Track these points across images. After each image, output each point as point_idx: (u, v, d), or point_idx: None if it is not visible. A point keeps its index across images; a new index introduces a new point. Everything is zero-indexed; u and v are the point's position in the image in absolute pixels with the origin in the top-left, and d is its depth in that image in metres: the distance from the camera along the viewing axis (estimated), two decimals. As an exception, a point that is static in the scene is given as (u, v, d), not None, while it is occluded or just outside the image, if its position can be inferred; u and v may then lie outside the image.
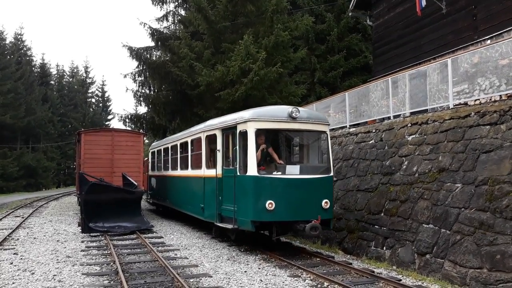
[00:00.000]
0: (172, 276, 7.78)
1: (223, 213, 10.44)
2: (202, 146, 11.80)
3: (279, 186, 9.26)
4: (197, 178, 12.30)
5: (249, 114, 9.67)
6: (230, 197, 9.97)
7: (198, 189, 12.16)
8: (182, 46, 19.46)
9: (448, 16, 13.40)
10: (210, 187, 11.12)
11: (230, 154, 10.23)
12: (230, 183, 9.99)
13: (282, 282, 7.46)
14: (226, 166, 10.44)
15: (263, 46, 17.56)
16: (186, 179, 13.85)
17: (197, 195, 12.28)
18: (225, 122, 10.59)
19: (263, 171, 9.56)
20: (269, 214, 9.05)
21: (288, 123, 9.79)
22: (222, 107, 17.93)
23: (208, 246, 11.04)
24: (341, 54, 22.46)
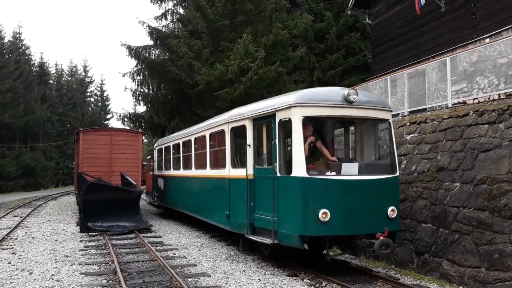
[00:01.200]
0: (170, 276, 7.77)
1: (257, 224, 8.61)
2: (226, 140, 9.90)
3: (335, 190, 7.41)
4: (219, 180, 10.45)
5: (295, 98, 7.71)
6: (267, 204, 8.13)
7: (220, 193, 10.28)
8: (181, 45, 19.40)
9: (447, 14, 13.38)
10: (238, 191, 9.27)
11: (264, 149, 8.56)
12: (266, 186, 8.20)
13: (281, 281, 7.45)
14: (259, 165, 8.68)
15: (262, 45, 17.51)
16: (204, 181, 11.94)
17: (219, 200, 10.36)
18: (258, 110, 8.69)
19: (313, 171, 7.75)
20: (323, 227, 7.17)
21: (344, 109, 7.81)
22: (221, 106, 17.87)
23: (206, 246, 11.03)
24: (340, 52, 22.40)
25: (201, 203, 12.25)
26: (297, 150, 7.50)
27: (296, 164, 7.47)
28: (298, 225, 7.37)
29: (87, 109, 66.60)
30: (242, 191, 9.00)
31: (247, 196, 8.76)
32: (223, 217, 9.95)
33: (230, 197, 9.67)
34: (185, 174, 13.88)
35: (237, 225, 9.40)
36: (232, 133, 9.74)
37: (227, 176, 9.80)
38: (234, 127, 9.64)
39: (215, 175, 10.86)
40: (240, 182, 9.16)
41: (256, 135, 8.86)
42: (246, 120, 9.02)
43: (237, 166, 9.66)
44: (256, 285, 7.23)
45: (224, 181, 9.99)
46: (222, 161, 10.29)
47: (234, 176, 9.49)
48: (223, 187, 10.07)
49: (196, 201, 12.79)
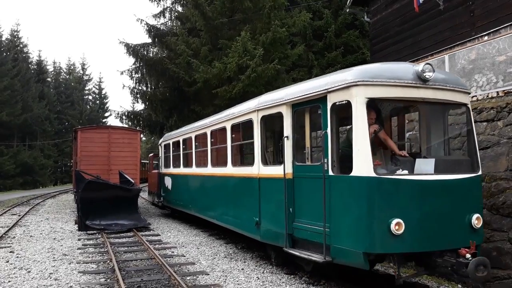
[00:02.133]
0: (168, 274, 7.76)
1: (298, 234, 7.07)
2: (254, 132, 8.34)
3: (410, 194, 5.84)
4: (245, 179, 8.85)
5: (356, 74, 6.03)
6: (313, 210, 6.69)
7: (247, 195, 8.74)
8: (179, 43, 19.37)
9: (445, 12, 13.36)
10: (271, 193, 7.77)
11: (307, 142, 7.16)
12: (310, 187, 6.77)
13: (279, 280, 7.45)
14: (300, 162, 7.25)
15: (261, 42, 17.50)
16: (224, 180, 10.24)
17: (245, 204, 8.85)
18: (299, 94, 7.08)
19: (381, 168, 6.20)
20: (396, 242, 5.63)
21: (416, 90, 6.17)
22: (219, 104, 17.87)
23: (205, 244, 11.02)
24: (339, 50, 22.40)
25: (220, 206, 10.62)
26: (361, 142, 5.85)
27: (359, 160, 5.85)
28: (363, 240, 5.78)
29: (85, 107, 66.50)
30: (278, 194, 7.45)
31: (284, 200, 7.19)
32: (251, 224, 8.34)
33: (261, 200, 8.10)
34: (199, 172, 12.30)
35: (270, 235, 7.88)
36: (262, 123, 8.19)
37: (256, 175, 8.26)
38: (265, 115, 8.09)
39: (239, 174, 9.29)
40: (274, 183, 7.66)
41: (296, 125, 7.34)
42: (283, 106, 7.43)
43: (270, 163, 8.36)
44: (254, 284, 7.22)
45: (252, 181, 8.42)
46: (249, 158, 9.02)
47: (266, 175, 7.98)
48: (250, 188, 8.52)
49: (213, 203, 11.18)
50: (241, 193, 9.18)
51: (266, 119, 8.21)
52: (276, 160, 8.49)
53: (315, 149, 7.59)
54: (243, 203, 8.97)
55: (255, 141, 8.35)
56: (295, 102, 7.23)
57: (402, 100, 6.56)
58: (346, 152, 6.26)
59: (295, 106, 7.28)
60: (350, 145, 6.14)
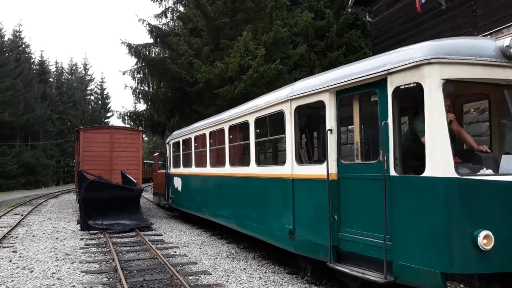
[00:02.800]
0: (171, 274, 7.77)
1: (345, 246, 5.90)
2: (286, 125, 7.21)
3: (498, 198, 4.77)
4: (274, 181, 7.74)
5: (428, 51, 4.91)
6: (367, 219, 5.57)
7: (277, 199, 7.64)
8: (181, 43, 19.38)
9: (447, 12, 13.34)
10: (309, 197, 6.70)
11: (357, 136, 6.00)
12: (363, 190, 5.67)
13: (281, 279, 7.45)
14: (347, 160, 6.32)
15: (262, 42, 17.49)
16: (246, 182, 9.11)
17: (275, 209, 7.73)
18: (346, 78, 5.87)
19: (463, 168, 5.14)
20: (484, 259, 4.60)
21: (502, 69, 5.09)
22: (221, 104, 17.88)
23: (207, 244, 11.03)
24: (341, 50, 22.38)
25: (240, 210, 9.44)
26: (437, 134, 4.74)
27: (434, 157, 4.73)
28: (440, 257, 4.64)
29: (87, 107, 66.64)
30: (318, 198, 6.36)
31: (328, 206, 6.02)
32: (283, 232, 7.25)
33: (295, 205, 6.97)
34: (214, 172, 11.16)
35: (307, 246, 6.70)
36: (296, 115, 7.03)
37: (289, 176, 7.14)
38: (301, 106, 6.96)
39: (266, 174, 8.18)
40: (313, 185, 6.58)
41: (341, 115, 6.19)
42: (325, 94, 6.24)
43: (306, 162, 7.39)
44: (256, 283, 7.23)
45: (284, 183, 7.31)
46: (280, 155, 8.51)
47: (302, 176, 6.85)
48: (282, 190, 7.43)
49: (231, 207, 10.04)
50: (269, 196, 8.01)
51: (302, 109, 7.11)
52: (316, 158, 7.60)
53: (369, 144, 6.42)
54: (272, 207, 7.88)
55: (288, 136, 7.21)
56: (341, 88, 6.03)
57: (483, 82, 5.24)
58: (411, 147, 5.37)
59: (341, 93, 6.08)
60: (415, 140, 5.28)
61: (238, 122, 9.54)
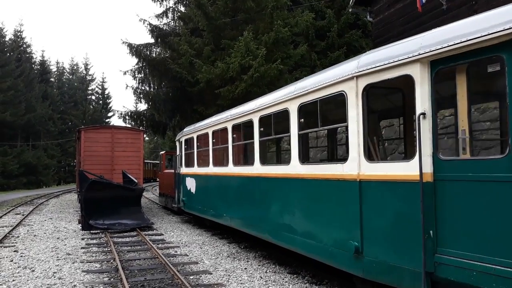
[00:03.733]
0: (172, 273, 7.78)
1: (446, 274, 4.34)
2: (349, 110, 5.63)
3: None
4: (330, 183, 6.09)
5: None
6: (488, 237, 4.01)
7: (333, 206, 6.00)
8: (182, 43, 19.41)
9: (448, 12, 13.34)
10: (387, 204, 5.07)
11: (463, 121, 4.47)
12: (476, 197, 4.15)
13: (282, 279, 7.46)
14: (448, 155, 5.11)
15: (263, 42, 17.51)
16: (286, 184, 7.31)
17: (330, 219, 6.06)
18: (448, 42, 4.32)
19: None
20: None
21: None
22: (222, 104, 17.90)
23: (208, 243, 11.04)
24: (341, 50, 22.39)
25: (278, 219, 7.59)
26: None
27: None
28: None
29: (88, 107, 66.68)
30: (402, 206, 4.84)
31: (421, 218, 4.45)
32: (345, 250, 5.61)
33: (364, 215, 5.34)
34: (239, 172, 9.53)
35: (384, 270, 5.04)
36: (365, 96, 5.44)
37: (355, 177, 5.48)
38: (373, 84, 5.34)
39: (316, 175, 6.39)
40: (393, 188, 4.98)
41: (437, 94, 4.71)
42: (413, 65, 4.70)
43: (380, 158, 5.96)
44: (257, 283, 7.24)
45: (346, 186, 5.67)
46: (339, 149, 6.86)
47: (375, 177, 5.21)
48: (342, 195, 5.78)
49: (264, 215, 8.14)
50: (320, 203, 6.28)
51: (374, 89, 5.51)
52: (395, 154, 5.96)
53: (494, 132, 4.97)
54: (326, 217, 6.12)
55: (352, 125, 5.59)
56: (439, 57, 4.47)
57: None
58: None
59: (438, 63, 4.52)
60: None
61: (271, 112, 7.88)
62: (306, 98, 6.62)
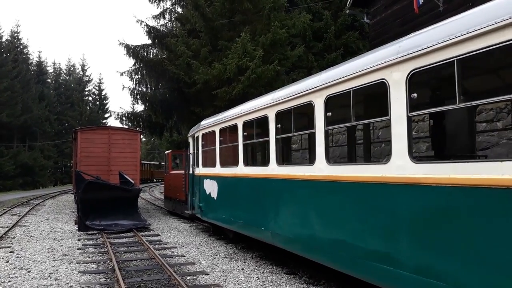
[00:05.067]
0: (168, 274, 7.77)
1: None
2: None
3: None
4: (483, 194, 3.67)
5: None
6: None
7: (483, 231, 3.69)
8: (179, 44, 19.39)
9: (445, 13, 13.38)
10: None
11: None
12: None
13: (279, 279, 7.46)
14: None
15: (260, 43, 17.52)
16: (373, 191, 5.11)
17: (486, 253, 3.66)
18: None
19: None
20: None
21: None
22: (219, 105, 17.88)
23: (205, 244, 11.03)
24: (338, 52, 22.41)
25: (371, 244, 5.14)
26: None
27: None
28: None
29: (85, 108, 66.46)
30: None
31: None
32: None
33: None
34: (290, 174, 7.17)
35: None
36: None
37: None
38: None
39: (454, 180, 3.98)
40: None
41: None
42: None
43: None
44: (254, 283, 7.23)
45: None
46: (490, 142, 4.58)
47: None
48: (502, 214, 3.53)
49: (342, 237, 5.72)
50: (465, 226, 3.91)
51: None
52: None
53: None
54: (476, 250, 3.77)
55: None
56: None
57: None
58: None
59: None
60: None
61: (353, 87, 5.51)
62: (423, 61, 4.57)
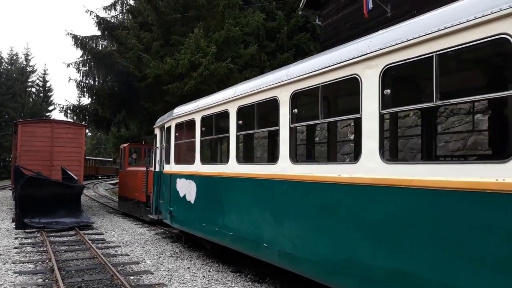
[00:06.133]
0: (111, 274, 7.53)
1: None
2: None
3: None
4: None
5: None
6: None
7: None
8: (130, 37, 18.88)
9: (393, 19, 13.84)
10: None
11: None
12: None
13: (225, 278, 7.42)
14: None
15: (214, 40, 17.41)
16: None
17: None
18: None
19: None
20: None
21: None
22: (170, 100, 17.61)
23: (150, 243, 10.79)
24: (291, 52, 22.67)
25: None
26: None
27: None
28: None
29: (28, 99, 63.26)
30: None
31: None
32: None
33: None
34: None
35: None
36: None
37: None
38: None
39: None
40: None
41: None
42: None
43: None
44: (200, 282, 7.15)
45: None
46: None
47: None
48: None
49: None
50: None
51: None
52: None
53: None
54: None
55: None
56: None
57: None
58: None
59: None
60: None
61: (320, 82, 4.94)
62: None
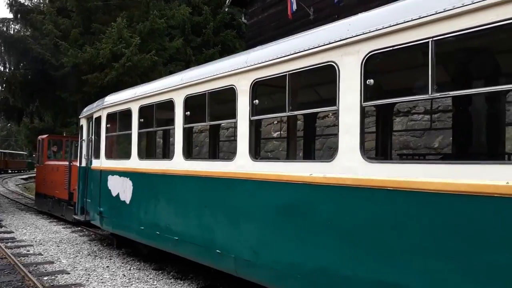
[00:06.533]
0: (22, 275, 7.13)
1: None
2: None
3: None
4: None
5: None
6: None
7: None
8: (46, 22, 17.79)
9: (315, 22, 14.40)
10: None
11: None
12: None
13: (147, 276, 7.33)
14: None
15: (138, 31, 16.98)
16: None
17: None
18: None
19: None
20: None
21: None
22: (89, 91, 16.88)
23: (66, 241, 10.32)
24: (216, 48, 22.73)
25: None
26: None
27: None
28: None
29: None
30: None
31: None
32: None
33: None
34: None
35: None
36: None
37: None
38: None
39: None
40: None
41: None
42: None
43: None
44: (120, 281, 6.99)
45: None
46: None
47: None
48: None
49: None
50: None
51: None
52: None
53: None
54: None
55: None
56: None
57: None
58: None
59: None
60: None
61: (288, 70, 4.67)
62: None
